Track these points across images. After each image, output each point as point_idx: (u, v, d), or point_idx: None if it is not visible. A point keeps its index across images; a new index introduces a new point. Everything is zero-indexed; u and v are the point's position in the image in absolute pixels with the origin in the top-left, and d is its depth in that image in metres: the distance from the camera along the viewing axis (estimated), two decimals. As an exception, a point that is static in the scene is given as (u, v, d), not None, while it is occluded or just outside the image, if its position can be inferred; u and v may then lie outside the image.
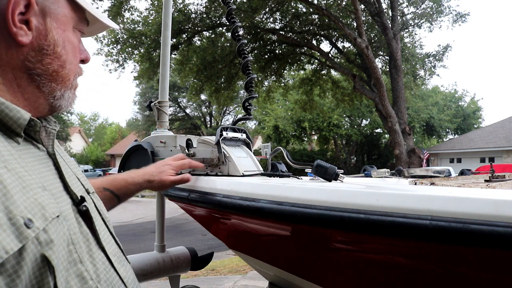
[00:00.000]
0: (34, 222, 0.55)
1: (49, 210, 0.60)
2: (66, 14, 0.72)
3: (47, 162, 0.71)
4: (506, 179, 1.44)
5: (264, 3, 12.99)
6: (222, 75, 15.05)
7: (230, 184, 1.44)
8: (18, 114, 0.64)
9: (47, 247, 0.56)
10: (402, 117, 13.16)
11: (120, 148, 39.26)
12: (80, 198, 0.71)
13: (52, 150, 0.73)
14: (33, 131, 0.69)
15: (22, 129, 0.65)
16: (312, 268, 1.33)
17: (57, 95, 0.74)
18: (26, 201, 0.56)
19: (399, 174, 2.12)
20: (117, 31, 13.83)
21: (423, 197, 0.87)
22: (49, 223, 0.58)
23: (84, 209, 0.70)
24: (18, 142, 0.65)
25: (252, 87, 2.15)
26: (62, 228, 0.62)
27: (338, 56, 16.33)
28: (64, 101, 0.76)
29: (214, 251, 2.48)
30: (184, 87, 27.48)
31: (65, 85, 0.75)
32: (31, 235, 0.54)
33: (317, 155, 26.42)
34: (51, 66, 0.70)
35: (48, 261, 0.55)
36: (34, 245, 0.54)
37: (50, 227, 0.58)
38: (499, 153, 18.79)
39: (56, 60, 0.71)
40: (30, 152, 0.67)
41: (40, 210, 0.58)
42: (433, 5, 14.69)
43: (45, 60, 0.69)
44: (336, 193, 1.04)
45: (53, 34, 0.69)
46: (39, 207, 0.58)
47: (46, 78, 0.71)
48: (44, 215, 0.58)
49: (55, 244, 0.58)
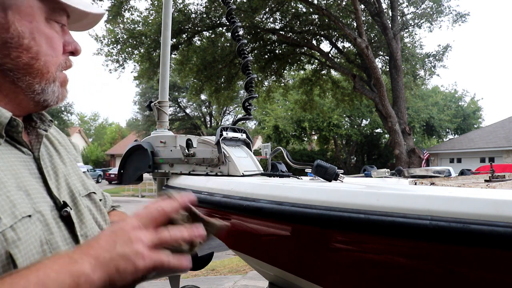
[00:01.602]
0: (2, 219, 0.55)
1: (20, 209, 0.59)
2: (32, 4, 0.69)
3: (30, 165, 0.70)
4: (506, 179, 1.44)
5: (264, 3, 12.99)
6: (222, 75, 15.04)
7: (230, 184, 1.44)
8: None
9: (13, 244, 0.56)
10: (402, 117, 13.15)
11: (120, 148, 39.24)
12: (63, 203, 0.70)
13: (38, 155, 0.72)
14: (15, 132, 0.68)
15: (2, 128, 0.64)
16: (312, 268, 1.33)
17: (36, 90, 0.71)
18: None
19: (399, 174, 2.12)
20: (117, 31, 13.83)
21: (423, 197, 0.87)
22: (18, 221, 0.58)
23: (65, 214, 0.69)
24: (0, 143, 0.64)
25: (252, 87, 2.15)
26: (35, 228, 0.61)
27: (338, 56, 16.32)
28: (48, 95, 0.73)
29: (214, 251, 2.48)
30: (184, 87, 27.48)
31: (43, 78, 0.71)
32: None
33: (317, 155, 26.41)
34: (21, 59, 0.67)
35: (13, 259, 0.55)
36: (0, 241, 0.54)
37: (19, 225, 0.58)
38: (499, 153, 18.78)
39: (25, 53, 0.68)
40: (11, 153, 0.66)
41: (11, 208, 0.58)
42: (433, 5, 14.68)
43: (12, 54, 0.67)
44: (336, 193, 1.04)
45: (15, 26, 0.67)
46: (10, 205, 0.58)
47: (19, 72, 0.68)
48: (14, 213, 0.58)
49: (23, 242, 0.57)
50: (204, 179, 1.68)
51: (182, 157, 1.89)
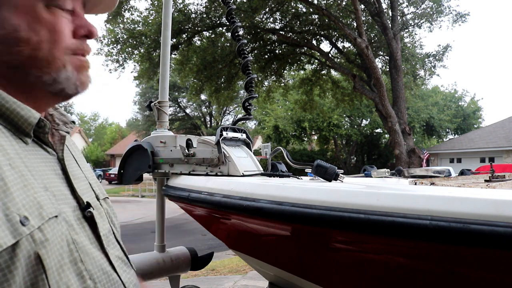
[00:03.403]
0: (30, 220, 0.56)
1: (47, 210, 0.60)
2: None
3: (55, 166, 0.71)
4: (506, 179, 1.44)
5: (264, 3, 12.99)
6: (222, 75, 15.04)
7: (230, 184, 1.44)
8: (29, 113, 0.65)
9: (41, 245, 0.57)
10: (402, 117, 13.15)
11: (120, 148, 39.23)
12: (86, 204, 0.71)
13: (62, 156, 0.73)
14: (42, 133, 0.69)
15: (32, 128, 0.66)
16: (312, 268, 1.33)
17: (47, 80, 0.69)
18: (24, 199, 0.57)
19: (399, 174, 2.12)
20: (117, 31, 13.83)
21: (423, 197, 0.87)
22: (45, 222, 0.59)
23: (88, 215, 0.71)
24: (27, 143, 0.65)
25: (252, 87, 2.16)
26: (61, 228, 0.62)
27: (338, 56, 16.32)
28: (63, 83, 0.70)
29: (214, 251, 2.48)
30: (184, 87, 27.47)
31: (51, 66, 0.69)
32: (26, 232, 0.55)
33: (317, 155, 26.40)
34: (22, 52, 0.66)
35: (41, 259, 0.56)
36: (28, 243, 0.55)
37: (46, 226, 0.59)
38: (499, 153, 18.78)
39: (25, 45, 0.66)
40: (37, 153, 0.68)
41: (38, 209, 0.58)
42: (433, 5, 14.68)
43: (13, 49, 0.66)
44: (336, 193, 1.04)
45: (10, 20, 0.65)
46: (37, 206, 0.59)
47: (25, 66, 0.67)
48: (41, 214, 0.59)
49: (50, 243, 0.58)
50: (204, 179, 1.68)
51: (182, 157, 1.89)
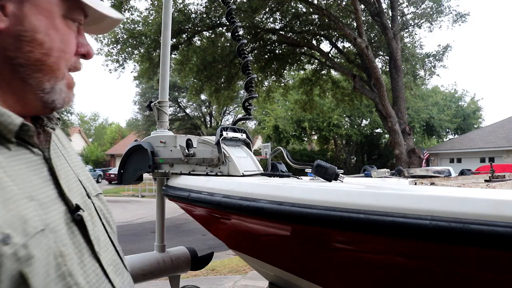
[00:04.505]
0: (13, 238, 0.53)
1: (32, 224, 0.57)
2: (50, 0, 0.68)
3: (41, 168, 0.67)
4: (506, 179, 1.44)
5: (264, 3, 12.98)
6: (222, 75, 15.04)
7: (230, 184, 1.44)
8: (9, 119, 0.61)
9: (25, 263, 0.54)
10: (402, 117, 13.15)
11: (120, 148, 39.22)
12: (75, 206, 0.68)
13: (48, 155, 0.70)
14: (26, 135, 0.65)
15: (13, 135, 0.62)
16: (312, 268, 1.33)
17: (46, 88, 0.69)
18: (6, 215, 0.53)
19: (399, 174, 2.12)
20: (117, 31, 13.82)
21: (423, 197, 0.87)
22: (31, 238, 0.55)
23: (78, 218, 0.68)
24: (9, 148, 0.62)
25: (252, 87, 2.16)
26: (48, 241, 0.59)
27: (338, 56, 16.31)
28: (57, 95, 0.71)
29: (214, 251, 2.48)
30: (184, 87, 27.44)
31: (54, 75, 0.69)
32: (8, 252, 0.51)
33: (317, 155, 26.39)
34: (33, 54, 0.66)
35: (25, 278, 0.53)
36: (11, 262, 0.52)
37: (31, 242, 0.55)
38: (499, 153, 18.77)
39: (38, 48, 0.66)
40: (21, 158, 0.64)
41: (22, 225, 0.55)
42: (433, 5, 14.67)
43: (24, 48, 0.65)
44: (336, 193, 1.04)
45: (31, 19, 0.65)
46: (21, 221, 0.55)
47: (30, 68, 0.66)
48: (25, 230, 0.55)
49: (36, 260, 0.55)
50: (204, 179, 1.68)
51: (182, 157, 1.89)
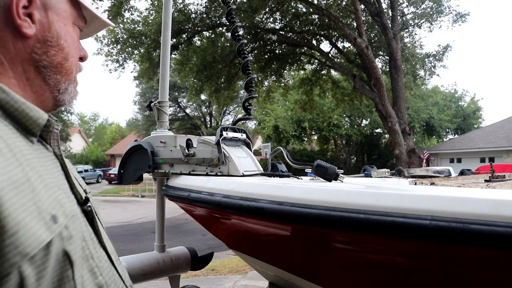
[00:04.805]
0: (58, 218, 0.59)
1: (68, 208, 0.63)
2: (66, 9, 0.76)
3: (56, 163, 0.73)
4: (506, 179, 1.44)
5: (264, 3, 12.98)
6: (222, 75, 15.04)
7: (230, 184, 1.44)
8: (38, 114, 0.67)
9: (67, 242, 0.60)
10: (402, 117, 13.14)
11: (120, 148, 39.21)
12: (85, 199, 0.74)
13: (59, 151, 0.75)
14: (46, 131, 0.71)
15: (39, 129, 0.67)
16: (312, 268, 1.33)
17: (61, 88, 0.76)
18: (49, 199, 0.59)
19: (399, 174, 2.12)
20: (117, 31, 13.82)
21: (423, 197, 0.87)
22: (69, 220, 0.62)
23: (88, 209, 0.73)
24: (33, 142, 0.67)
25: (252, 87, 2.16)
26: (77, 225, 0.65)
27: (338, 56, 16.31)
28: (68, 95, 0.78)
29: (214, 251, 2.48)
30: (184, 87, 27.44)
31: (69, 78, 0.77)
32: (57, 230, 0.57)
33: (317, 155, 26.39)
34: (56, 58, 0.73)
35: (68, 256, 0.59)
36: (59, 240, 0.58)
37: (70, 224, 0.62)
38: (499, 153, 18.77)
39: (60, 52, 0.74)
40: (43, 152, 0.69)
41: (61, 208, 0.61)
42: (433, 5, 14.67)
43: (50, 52, 0.72)
44: (336, 193, 1.04)
45: (55, 27, 0.73)
46: (59, 205, 0.61)
47: (52, 70, 0.73)
48: (64, 212, 0.62)
49: (74, 240, 0.61)
50: (204, 179, 1.68)
51: (182, 157, 1.89)
